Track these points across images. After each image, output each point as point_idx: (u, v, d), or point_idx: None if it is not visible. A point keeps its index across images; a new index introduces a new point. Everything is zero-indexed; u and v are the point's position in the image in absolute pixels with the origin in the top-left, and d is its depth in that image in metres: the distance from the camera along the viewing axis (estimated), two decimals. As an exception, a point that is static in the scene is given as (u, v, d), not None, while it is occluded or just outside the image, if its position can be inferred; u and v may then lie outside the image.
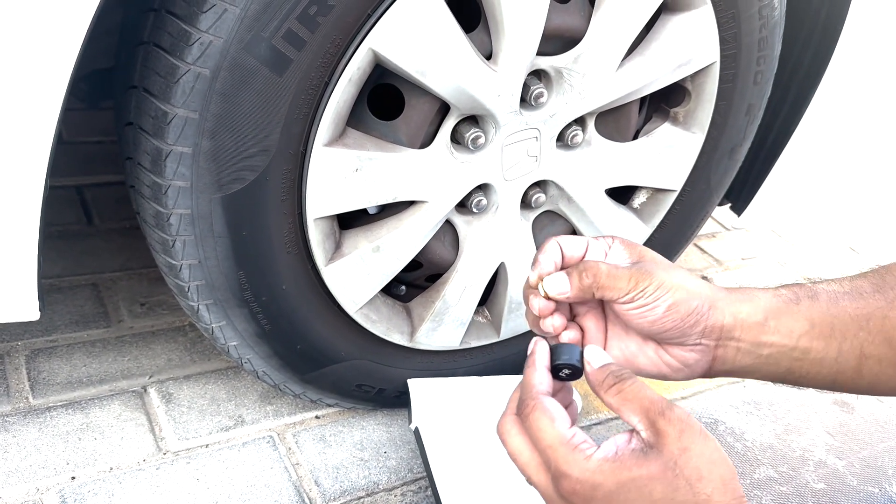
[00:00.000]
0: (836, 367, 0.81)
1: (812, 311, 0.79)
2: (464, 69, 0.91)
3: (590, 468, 0.63)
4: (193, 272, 0.94)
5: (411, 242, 1.04)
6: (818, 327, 0.79)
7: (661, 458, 0.61)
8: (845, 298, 0.79)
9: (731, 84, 1.16)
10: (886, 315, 0.78)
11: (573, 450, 0.64)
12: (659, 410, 0.64)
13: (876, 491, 1.28)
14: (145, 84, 0.84)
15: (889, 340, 0.78)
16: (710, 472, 0.61)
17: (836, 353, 0.80)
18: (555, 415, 0.66)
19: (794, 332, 0.79)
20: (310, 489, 1.12)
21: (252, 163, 0.88)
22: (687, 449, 0.61)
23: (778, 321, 0.79)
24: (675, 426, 0.62)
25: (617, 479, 0.62)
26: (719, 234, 2.04)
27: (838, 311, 0.79)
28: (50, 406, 1.17)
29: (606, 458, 0.63)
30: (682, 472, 0.61)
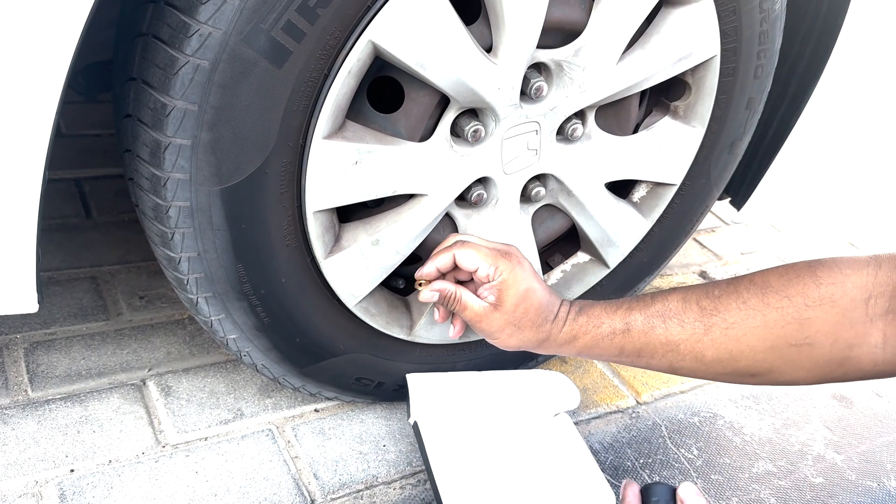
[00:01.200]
0: (646, 368, 0.99)
1: (623, 343, 0.96)
2: (464, 62, 0.91)
3: None
4: (192, 265, 0.94)
5: (411, 236, 1.04)
6: (627, 353, 0.97)
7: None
8: (661, 328, 0.92)
9: (731, 78, 1.16)
10: (700, 340, 0.90)
11: None
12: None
13: (874, 485, 1.28)
14: (144, 76, 0.84)
15: (699, 359, 0.91)
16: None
17: (644, 365, 0.97)
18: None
19: (604, 356, 1.00)
20: (309, 482, 1.12)
21: (251, 155, 0.87)
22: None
23: (590, 353, 1.00)
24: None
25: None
26: (719, 228, 2.04)
27: (649, 340, 0.94)
28: (49, 399, 1.17)
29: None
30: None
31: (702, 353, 0.90)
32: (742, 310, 0.88)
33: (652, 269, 1.37)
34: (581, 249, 1.28)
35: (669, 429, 1.33)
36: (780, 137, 1.34)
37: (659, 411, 1.37)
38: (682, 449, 1.29)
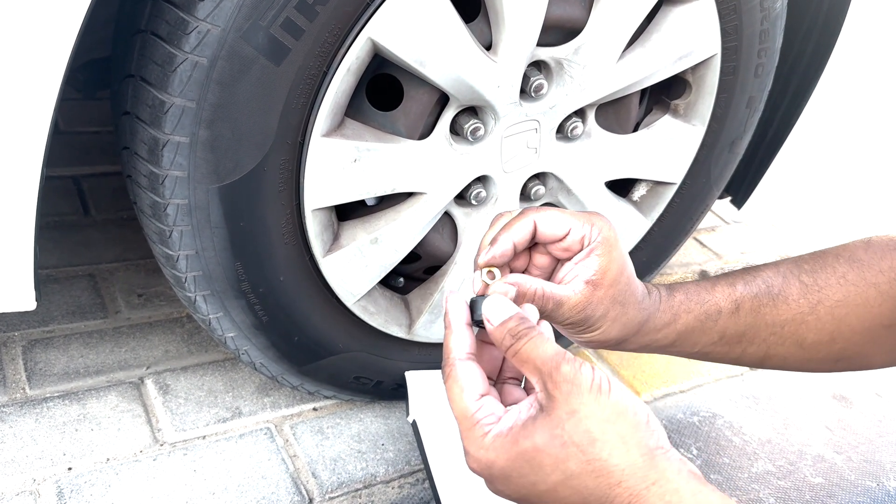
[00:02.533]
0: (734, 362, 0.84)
1: (727, 325, 0.80)
2: (463, 60, 0.91)
3: (484, 446, 0.59)
4: (190, 263, 0.94)
5: (410, 234, 1.04)
6: (727, 338, 0.81)
7: (548, 426, 0.56)
8: (768, 305, 0.80)
9: (732, 76, 1.16)
10: (805, 320, 0.80)
11: (474, 426, 0.60)
12: (548, 372, 0.58)
13: (874, 485, 1.28)
14: (142, 73, 0.83)
15: (800, 342, 0.81)
16: (603, 433, 0.55)
17: (737, 355, 0.83)
18: (465, 384, 0.61)
19: (699, 345, 0.81)
20: (307, 481, 1.12)
21: (250, 153, 0.87)
22: (574, 412, 0.56)
23: (686, 340, 0.81)
24: (563, 388, 0.57)
25: (507, 456, 0.58)
26: (719, 227, 2.04)
27: (755, 321, 0.80)
28: (46, 397, 1.16)
29: (501, 433, 0.59)
30: (570, 439, 0.55)
31: (803, 337, 0.81)
32: (843, 286, 0.80)
33: (652, 268, 1.36)
34: (581, 248, 1.28)
35: (669, 428, 1.33)
36: (781, 136, 1.33)
37: (658, 411, 1.37)
38: (681, 448, 1.29)
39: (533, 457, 0.57)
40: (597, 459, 0.55)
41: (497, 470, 0.59)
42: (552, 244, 0.74)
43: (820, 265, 0.81)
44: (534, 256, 0.76)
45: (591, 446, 0.56)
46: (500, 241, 0.71)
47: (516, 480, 0.59)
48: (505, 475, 0.59)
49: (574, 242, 0.73)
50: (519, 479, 0.58)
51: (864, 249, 0.82)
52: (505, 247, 0.71)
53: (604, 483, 0.55)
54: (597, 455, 0.55)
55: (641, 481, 0.55)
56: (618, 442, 0.56)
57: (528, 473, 0.58)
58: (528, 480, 0.58)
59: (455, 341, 0.64)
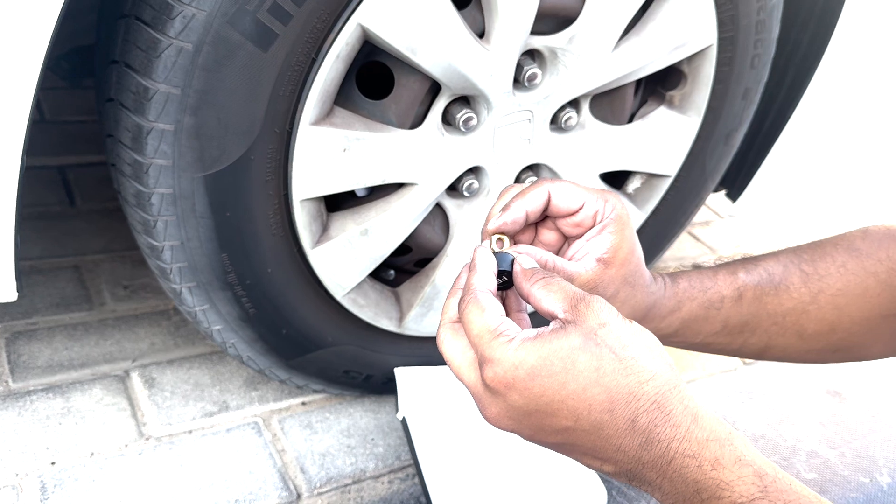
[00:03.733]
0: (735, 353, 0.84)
1: (730, 314, 0.80)
2: (455, 47, 0.89)
3: (511, 347, 0.59)
4: (175, 254, 0.92)
5: (400, 226, 1.02)
6: (729, 328, 0.80)
7: (581, 330, 0.58)
8: (770, 294, 0.80)
9: (728, 67, 1.14)
10: (806, 310, 0.80)
11: (497, 336, 0.60)
12: (580, 295, 0.61)
13: (867, 481, 1.27)
14: (126, 59, 0.81)
15: (800, 333, 0.81)
16: (633, 341, 0.58)
17: (738, 345, 0.82)
18: (485, 306, 0.62)
19: (702, 334, 0.81)
20: (295, 476, 1.10)
21: (236, 141, 0.85)
22: (606, 323, 0.59)
23: (689, 328, 0.80)
24: (594, 306, 0.60)
25: (538, 353, 0.58)
26: (713, 221, 2.03)
27: (757, 310, 0.80)
28: (30, 390, 1.14)
29: (528, 338, 0.59)
30: (604, 341, 0.58)
31: (804, 327, 0.80)
32: (843, 275, 0.80)
33: (646, 261, 1.34)
34: (574, 241, 1.26)
35: (661, 423, 1.32)
36: (777, 129, 1.32)
37: (651, 405, 1.36)
38: (674, 444, 1.28)
39: (568, 354, 0.58)
40: (629, 358, 0.58)
41: (525, 370, 0.59)
42: (563, 218, 0.72)
43: (819, 254, 0.81)
44: (540, 232, 0.75)
45: (624, 349, 0.58)
46: (512, 207, 0.69)
47: (543, 380, 0.59)
48: (532, 374, 0.59)
49: (586, 218, 0.71)
50: (547, 377, 0.58)
51: (861, 239, 0.81)
52: (517, 214, 0.69)
53: (633, 380, 0.57)
54: (629, 355, 0.58)
55: (666, 383, 0.58)
56: (645, 350, 0.59)
57: (559, 371, 0.58)
58: (558, 380, 0.58)
59: (478, 278, 0.64)
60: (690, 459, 0.56)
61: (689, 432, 0.56)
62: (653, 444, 0.57)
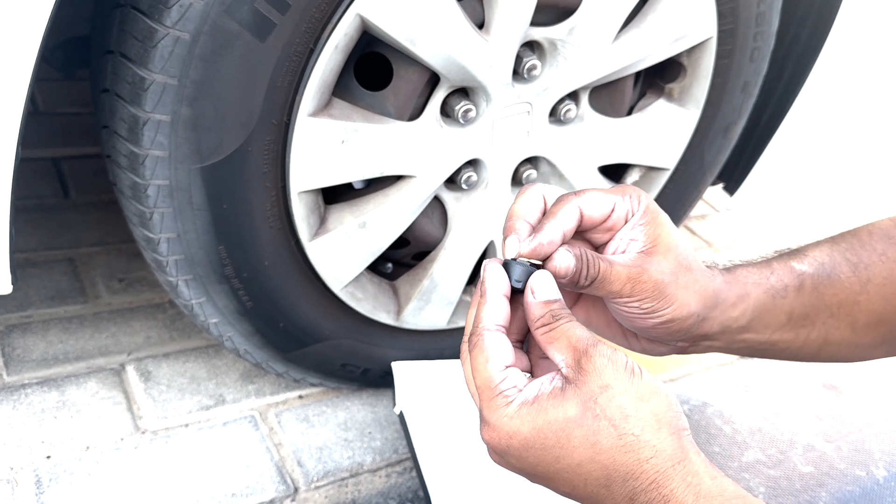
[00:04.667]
0: (797, 354, 0.80)
1: (794, 304, 0.76)
2: (455, 38, 0.88)
3: (507, 414, 0.57)
4: (172, 246, 0.91)
5: (398, 219, 1.01)
6: (794, 320, 0.77)
7: (580, 397, 0.55)
8: (825, 284, 0.76)
9: (727, 60, 1.14)
10: (857, 301, 0.77)
11: (496, 395, 0.58)
12: (583, 348, 0.57)
13: (863, 474, 1.27)
14: (122, 49, 0.81)
15: (853, 326, 0.78)
16: (637, 410, 0.55)
17: (802, 342, 0.78)
18: (490, 354, 0.59)
19: (770, 328, 0.77)
20: (292, 470, 1.10)
21: (233, 132, 0.84)
22: (608, 386, 0.55)
23: (760, 321, 0.76)
24: (598, 363, 0.56)
25: (533, 425, 0.56)
26: (709, 215, 2.03)
27: (817, 301, 0.77)
28: (24, 383, 1.14)
29: (526, 401, 0.57)
30: (603, 413, 0.55)
31: (856, 319, 0.77)
32: (885, 263, 0.77)
33: (643, 255, 1.35)
34: (572, 235, 1.26)
35: (659, 417, 1.32)
36: (775, 122, 1.32)
37: (648, 399, 1.36)
38: (671, 437, 1.28)
39: (562, 427, 0.56)
40: (629, 434, 0.54)
41: (519, 441, 0.57)
42: (595, 228, 0.67)
43: (858, 244, 0.78)
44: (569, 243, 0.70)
45: (625, 422, 0.55)
46: (546, 229, 0.63)
47: (537, 453, 0.57)
48: (526, 446, 0.57)
49: (618, 220, 0.67)
50: (541, 451, 0.57)
51: (893, 227, 0.79)
52: (553, 236, 0.63)
53: (632, 459, 0.54)
54: (629, 430, 0.55)
55: (669, 460, 0.54)
56: (651, 419, 0.55)
57: (552, 446, 0.56)
58: (552, 454, 0.56)
59: (488, 311, 0.61)
60: None
61: None
62: None
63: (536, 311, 0.61)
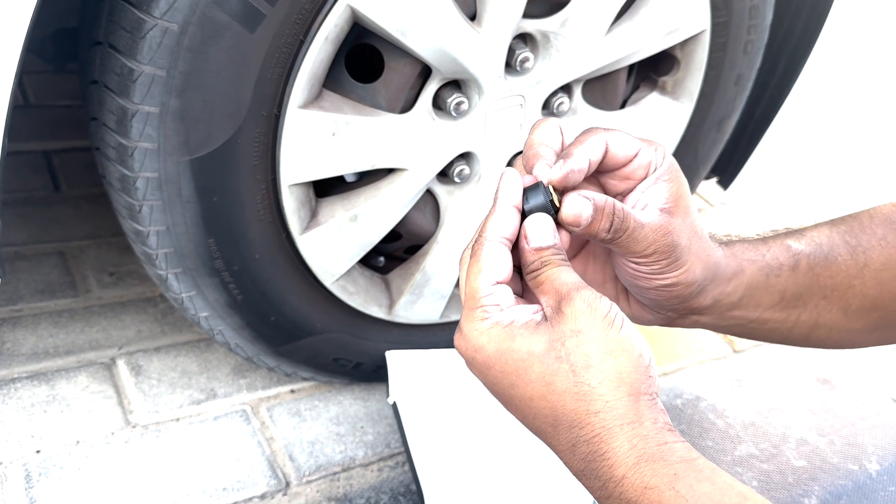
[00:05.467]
0: (787, 335, 0.79)
1: (787, 283, 0.75)
2: (446, 30, 0.88)
3: (479, 329, 0.57)
4: (161, 239, 0.90)
5: (390, 212, 1.01)
6: (787, 300, 0.76)
7: (549, 335, 0.55)
8: (821, 265, 0.75)
9: (721, 53, 1.13)
10: (852, 284, 0.76)
11: (476, 308, 0.57)
12: (566, 292, 0.56)
13: (856, 468, 1.28)
14: (110, 39, 0.80)
15: (845, 309, 0.77)
16: (601, 362, 0.54)
17: (792, 323, 0.77)
18: (485, 265, 0.58)
19: (762, 306, 0.76)
20: (284, 464, 1.09)
21: (222, 124, 0.84)
22: (580, 332, 0.55)
23: (751, 298, 0.75)
24: (577, 307, 0.55)
25: (498, 347, 0.56)
26: (703, 209, 2.03)
27: (811, 281, 0.75)
28: (14, 377, 1.13)
29: (499, 322, 0.57)
30: (567, 357, 0.54)
31: (849, 303, 0.76)
32: (885, 248, 0.76)
33: (636, 249, 1.34)
34: (565, 228, 1.25)
35: (652, 411, 1.32)
36: (769, 116, 1.31)
37: (641, 393, 1.35)
38: (664, 431, 1.28)
39: (523, 359, 0.56)
40: (585, 384, 0.54)
41: (482, 357, 0.58)
42: (616, 170, 0.65)
43: (858, 227, 0.77)
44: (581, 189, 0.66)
45: (586, 371, 0.55)
46: (575, 155, 0.60)
47: (495, 374, 0.57)
48: (487, 365, 0.58)
49: (640, 167, 0.64)
50: (499, 374, 0.57)
51: (893, 210, 0.78)
52: (581, 164, 0.60)
53: (582, 408, 0.54)
54: (587, 380, 0.54)
55: (618, 419, 0.54)
56: (612, 375, 0.55)
57: (510, 373, 0.57)
58: (508, 380, 0.57)
59: (494, 221, 0.60)
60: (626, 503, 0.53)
61: (625, 478, 0.53)
62: (590, 476, 0.55)
63: (529, 258, 0.60)
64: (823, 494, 1.21)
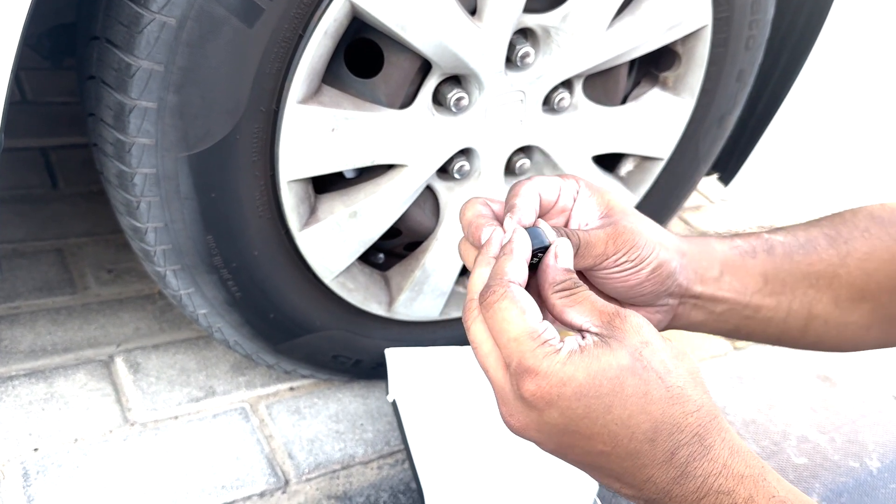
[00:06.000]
0: (784, 327, 0.79)
1: (766, 266, 0.77)
2: (447, 24, 0.87)
3: (559, 360, 0.55)
4: (159, 236, 0.90)
5: (390, 208, 1.00)
6: (771, 284, 0.77)
7: (627, 349, 0.55)
8: (799, 253, 0.77)
9: (722, 49, 1.12)
10: (836, 273, 0.77)
11: (542, 344, 0.56)
12: (613, 311, 0.58)
13: (857, 466, 1.27)
14: (108, 34, 0.79)
15: (836, 300, 0.78)
16: (676, 366, 0.56)
17: (785, 312, 0.79)
18: (525, 307, 0.57)
19: (748, 289, 0.77)
20: (283, 462, 1.09)
21: (221, 120, 0.83)
22: (649, 342, 0.56)
23: (733, 276, 0.76)
24: (633, 321, 0.57)
25: (587, 371, 0.55)
26: (704, 206, 2.02)
27: (791, 267, 0.77)
28: (12, 375, 1.12)
29: (574, 350, 0.56)
30: (650, 364, 0.55)
31: (837, 294, 0.77)
32: (868, 239, 0.77)
33: (637, 245, 1.34)
34: (565, 225, 1.25)
35: (652, 408, 1.31)
36: (770, 112, 1.31)
37: (642, 390, 1.35)
38: (665, 429, 1.27)
39: (617, 375, 0.55)
40: (676, 387, 0.55)
41: (572, 388, 0.55)
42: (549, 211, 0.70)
43: (839, 221, 0.79)
44: None
45: (669, 375, 0.55)
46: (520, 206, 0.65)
47: (589, 401, 0.56)
48: (579, 394, 0.55)
49: (567, 199, 0.69)
50: (594, 399, 0.55)
51: (880, 209, 0.79)
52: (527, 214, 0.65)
53: (679, 411, 0.55)
54: (675, 383, 0.55)
55: (707, 414, 0.55)
56: (688, 376, 0.56)
57: (606, 393, 0.55)
58: (604, 403, 0.55)
59: (513, 266, 0.60)
60: (725, 497, 0.54)
61: (725, 468, 0.54)
62: (687, 479, 0.55)
63: (558, 276, 0.61)
64: (824, 491, 1.21)
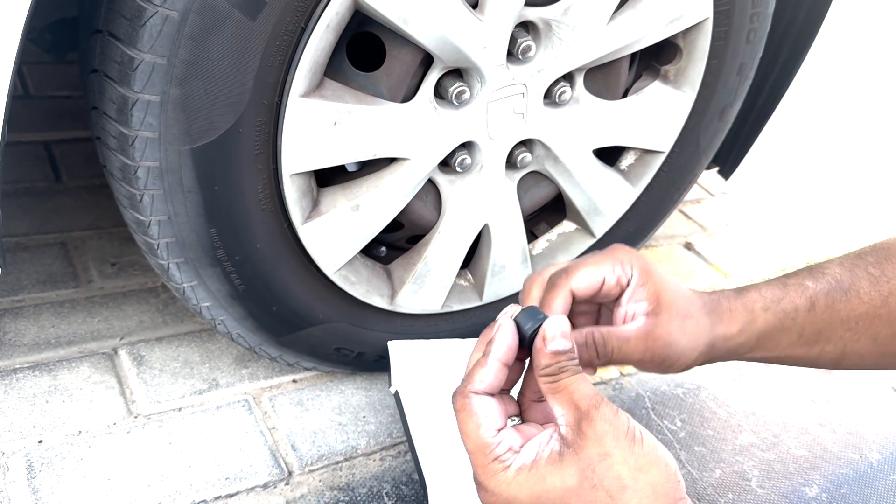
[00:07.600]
0: (812, 364, 0.81)
1: (805, 324, 0.78)
2: (448, 18, 0.87)
3: (505, 480, 0.57)
4: (163, 229, 0.90)
5: (392, 202, 1.00)
6: (805, 337, 0.79)
7: (578, 465, 0.56)
8: (841, 301, 0.78)
9: (723, 42, 1.13)
10: (878, 314, 0.77)
11: (492, 460, 0.58)
12: (586, 409, 0.57)
13: (857, 457, 1.28)
14: (110, 28, 0.79)
15: (874, 337, 0.79)
16: (635, 481, 0.55)
17: (816, 355, 0.80)
18: (481, 420, 0.59)
19: (781, 346, 0.79)
20: (286, 453, 1.09)
21: (224, 113, 0.83)
22: (608, 455, 0.55)
23: (769, 339, 0.78)
24: (598, 428, 0.56)
25: (530, 492, 0.56)
26: (704, 199, 2.02)
27: (830, 318, 0.78)
28: (16, 367, 1.13)
29: (524, 466, 0.57)
30: (601, 483, 0.55)
31: (877, 331, 0.78)
32: None
33: (638, 239, 1.34)
34: (567, 218, 1.25)
35: (653, 400, 1.32)
36: (771, 105, 1.31)
37: (642, 382, 1.35)
38: (665, 420, 1.28)
39: (560, 496, 0.56)
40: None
41: None
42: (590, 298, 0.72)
43: (884, 256, 0.79)
44: None
45: (622, 493, 0.55)
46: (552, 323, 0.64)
47: None
48: None
49: (612, 288, 0.71)
50: None
51: None
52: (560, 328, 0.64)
53: None
54: (626, 502, 0.55)
55: None
56: (648, 491, 0.55)
57: None
58: None
59: (481, 374, 0.62)
60: None
61: None
62: None
63: (543, 360, 0.61)
64: (824, 483, 1.22)
